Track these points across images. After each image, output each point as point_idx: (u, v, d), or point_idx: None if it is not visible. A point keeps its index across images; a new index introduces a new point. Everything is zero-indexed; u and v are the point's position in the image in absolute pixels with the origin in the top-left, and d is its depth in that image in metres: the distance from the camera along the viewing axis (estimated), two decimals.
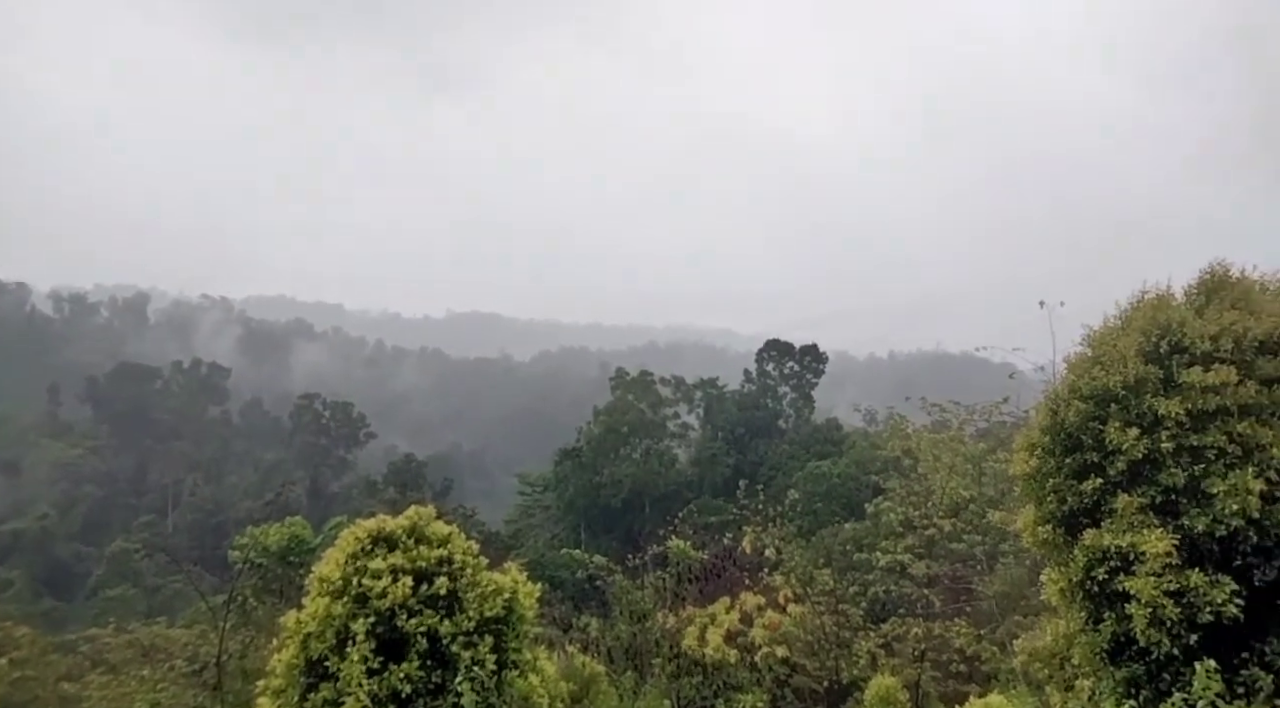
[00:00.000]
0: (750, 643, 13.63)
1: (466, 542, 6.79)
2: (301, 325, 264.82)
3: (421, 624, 6.19)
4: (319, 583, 6.59)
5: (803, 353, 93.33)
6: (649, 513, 73.81)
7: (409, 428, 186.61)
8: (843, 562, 18.27)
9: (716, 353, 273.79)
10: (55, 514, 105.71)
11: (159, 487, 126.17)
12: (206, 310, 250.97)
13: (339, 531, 11.86)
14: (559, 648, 11.86)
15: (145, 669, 13.63)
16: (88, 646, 16.10)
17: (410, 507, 7.13)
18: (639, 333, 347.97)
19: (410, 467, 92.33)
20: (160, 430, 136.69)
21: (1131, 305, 7.66)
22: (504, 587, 6.60)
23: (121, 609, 57.15)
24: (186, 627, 18.32)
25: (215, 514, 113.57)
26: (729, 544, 17.54)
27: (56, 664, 14.15)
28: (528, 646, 6.66)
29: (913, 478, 16.40)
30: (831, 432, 77.84)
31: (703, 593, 15.54)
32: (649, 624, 13.89)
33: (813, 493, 51.38)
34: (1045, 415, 7.62)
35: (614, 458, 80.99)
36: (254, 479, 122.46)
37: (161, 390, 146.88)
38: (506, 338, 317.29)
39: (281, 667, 6.36)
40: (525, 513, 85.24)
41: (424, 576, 6.43)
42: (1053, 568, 7.62)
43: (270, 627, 13.04)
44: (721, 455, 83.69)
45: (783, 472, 70.70)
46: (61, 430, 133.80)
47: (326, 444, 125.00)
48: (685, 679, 12.60)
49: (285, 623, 6.61)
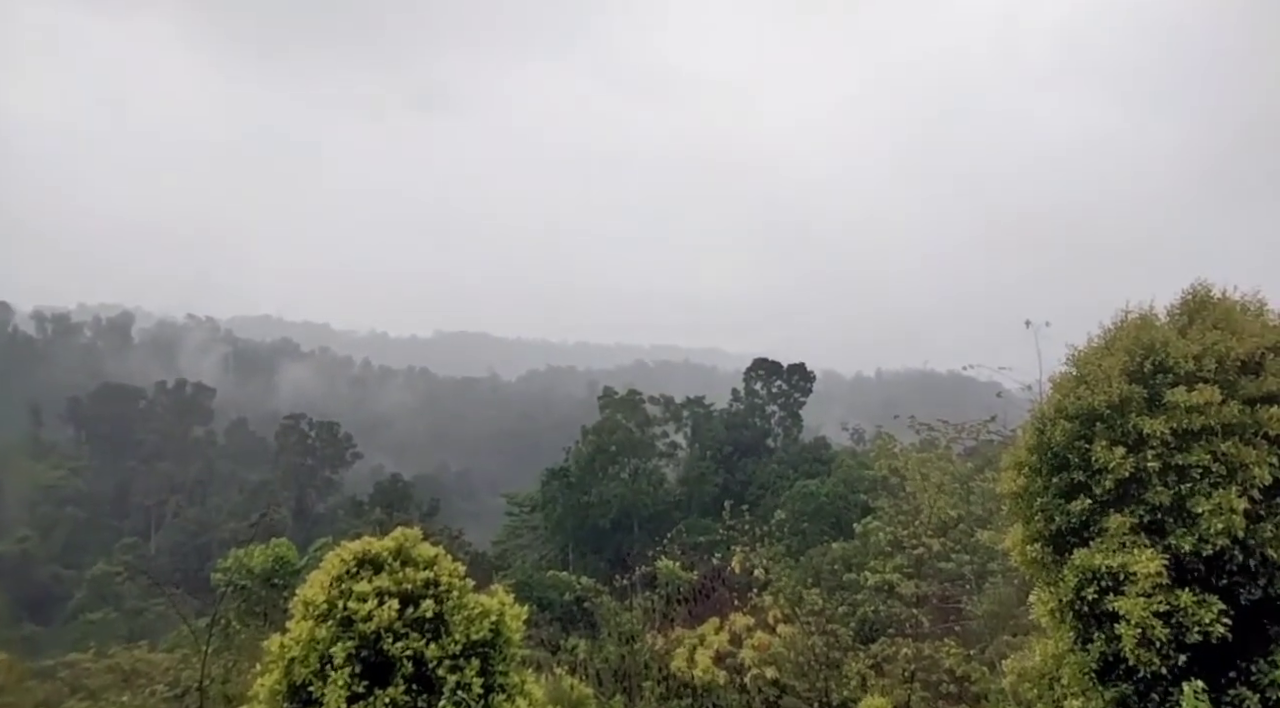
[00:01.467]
0: (739, 664, 13.53)
1: (453, 564, 6.73)
2: (288, 345, 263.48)
3: (407, 648, 6.11)
4: (303, 606, 6.49)
5: (790, 372, 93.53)
6: (637, 533, 73.47)
7: (396, 448, 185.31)
8: (831, 581, 18.21)
9: (705, 372, 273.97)
10: (36, 536, 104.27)
11: (142, 508, 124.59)
12: (191, 330, 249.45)
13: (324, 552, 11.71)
14: (547, 670, 11.74)
15: (125, 695, 13.41)
16: (67, 671, 15.81)
17: (396, 528, 7.05)
18: (627, 352, 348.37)
19: (397, 487, 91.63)
20: (144, 451, 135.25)
21: (1115, 325, 7.74)
22: (491, 609, 6.52)
23: (102, 633, 56.19)
24: (169, 651, 18.04)
25: (199, 536, 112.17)
26: (718, 564, 17.47)
27: (34, 691, 13.89)
28: (515, 669, 6.58)
29: (901, 497, 16.41)
30: (819, 450, 77.93)
31: (692, 614, 15.45)
32: (638, 646, 13.78)
33: (801, 512, 51.29)
34: (1032, 434, 7.67)
35: (602, 478, 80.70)
36: (238, 500, 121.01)
37: (145, 411, 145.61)
38: (494, 357, 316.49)
39: (265, 692, 6.26)
40: (513, 533, 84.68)
41: (410, 598, 6.35)
42: (1041, 588, 7.63)
43: (254, 650, 12.86)
44: (710, 475, 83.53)
45: (771, 491, 70.58)
46: (43, 451, 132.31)
47: (312, 465, 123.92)
48: (674, 702, 12.49)
49: (269, 647, 6.52)
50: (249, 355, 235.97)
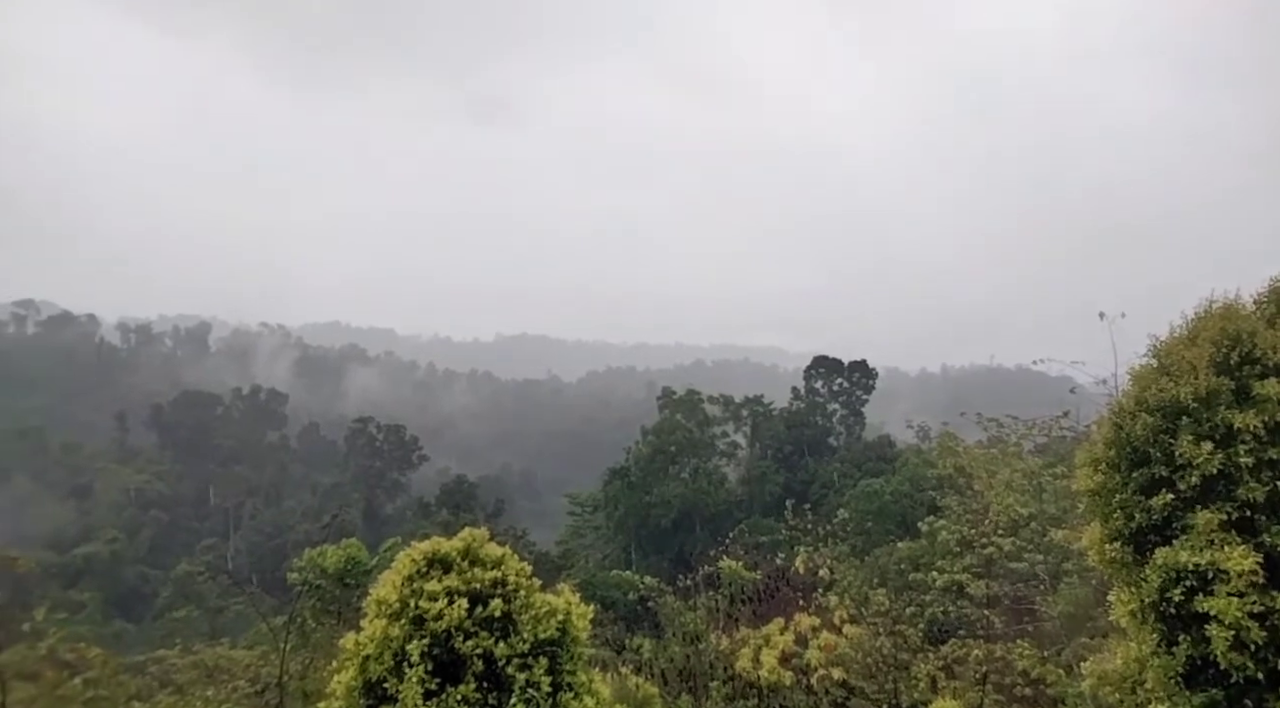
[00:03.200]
0: (806, 665, 13.38)
1: (520, 563, 6.80)
2: (355, 350, 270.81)
3: (477, 646, 6.20)
4: (376, 605, 6.63)
5: (852, 369, 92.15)
6: (699, 533, 73.31)
7: (460, 449, 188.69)
8: (898, 582, 17.85)
9: (764, 371, 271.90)
10: (124, 538, 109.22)
11: (221, 510, 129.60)
12: (264, 338, 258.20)
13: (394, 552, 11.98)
14: (612, 669, 11.79)
15: (210, 690, 13.87)
16: (155, 667, 16.47)
17: (464, 528, 7.16)
18: (686, 352, 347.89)
19: (462, 488, 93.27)
20: (221, 455, 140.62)
21: (1198, 315, 7.41)
22: (557, 608, 6.58)
23: (186, 630, 58.52)
24: (248, 648, 18.67)
25: (274, 537, 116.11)
26: (781, 564, 17.30)
27: (127, 685, 14.47)
28: (582, 668, 6.62)
29: (968, 496, 15.99)
30: (883, 448, 76.57)
31: (756, 614, 15.34)
32: (702, 645, 13.74)
33: (865, 512, 50.44)
34: (1110, 429, 7.39)
35: (663, 478, 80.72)
36: (311, 502, 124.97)
37: (222, 417, 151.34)
38: (554, 359, 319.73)
39: (342, 688, 6.41)
40: (575, 533, 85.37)
41: (479, 598, 6.44)
42: (1122, 588, 7.35)
43: (328, 648, 13.21)
44: (771, 474, 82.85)
45: (834, 490, 69.66)
46: (129, 456, 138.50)
47: (380, 467, 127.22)
48: (740, 702, 12.42)
49: (344, 644, 6.68)
50: (319, 361, 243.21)
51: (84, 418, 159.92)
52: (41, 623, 13.21)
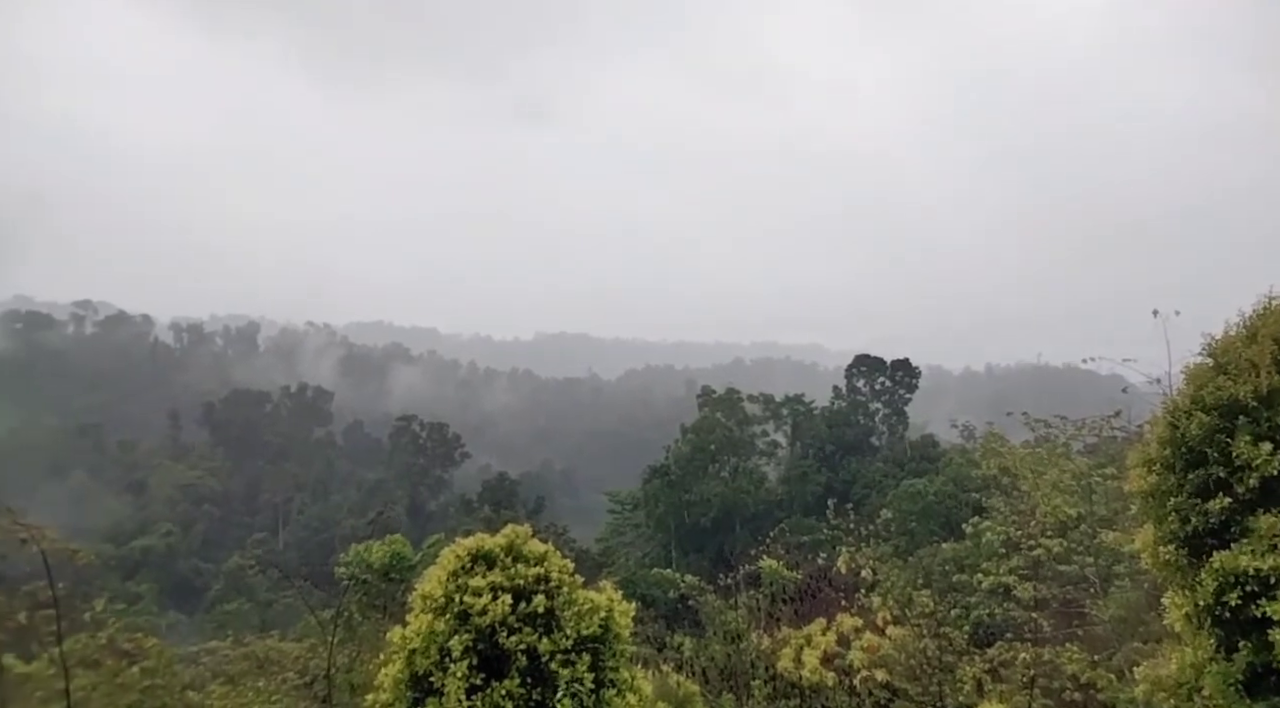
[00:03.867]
0: (848, 666, 13.26)
1: (562, 560, 6.86)
2: (398, 349, 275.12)
3: (521, 642, 6.27)
4: (422, 600, 6.74)
5: (894, 367, 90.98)
6: (739, 532, 73.06)
7: (501, 447, 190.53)
8: (943, 583, 17.59)
9: (805, 369, 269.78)
10: (178, 532, 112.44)
11: (270, 506, 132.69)
12: (311, 337, 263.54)
13: (438, 548, 12.14)
14: (653, 667, 11.83)
15: (261, 681, 14.17)
16: (209, 657, 16.92)
17: (506, 525, 7.25)
18: (725, 351, 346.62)
19: (504, 485, 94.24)
20: (270, 452, 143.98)
21: (1256, 312, 7.18)
22: (600, 605, 6.63)
23: (237, 622, 60.12)
24: (297, 640, 19.07)
25: (321, 531, 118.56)
26: (823, 564, 17.17)
27: (181, 675, 14.85)
28: (625, 664, 6.66)
29: (1015, 497, 15.68)
30: (927, 448, 75.47)
31: (798, 613, 15.24)
32: (743, 644, 13.70)
33: (908, 512, 49.80)
34: (1164, 429, 7.19)
35: (702, 476, 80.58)
36: (357, 498, 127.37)
37: (271, 414, 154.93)
38: (593, 358, 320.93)
39: (389, 681, 6.54)
40: (615, 531, 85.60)
41: (522, 593, 6.51)
42: (1176, 592, 7.16)
43: (375, 641, 13.46)
44: (812, 473, 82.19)
45: (876, 490, 68.89)
46: (182, 453, 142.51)
47: (424, 464, 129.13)
48: (782, 702, 12.37)
49: (391, 638, 6.82)
50: (363, 360, 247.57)
51: (139, 415, 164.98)
52: (101, 613, 13.62)
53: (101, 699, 12.20)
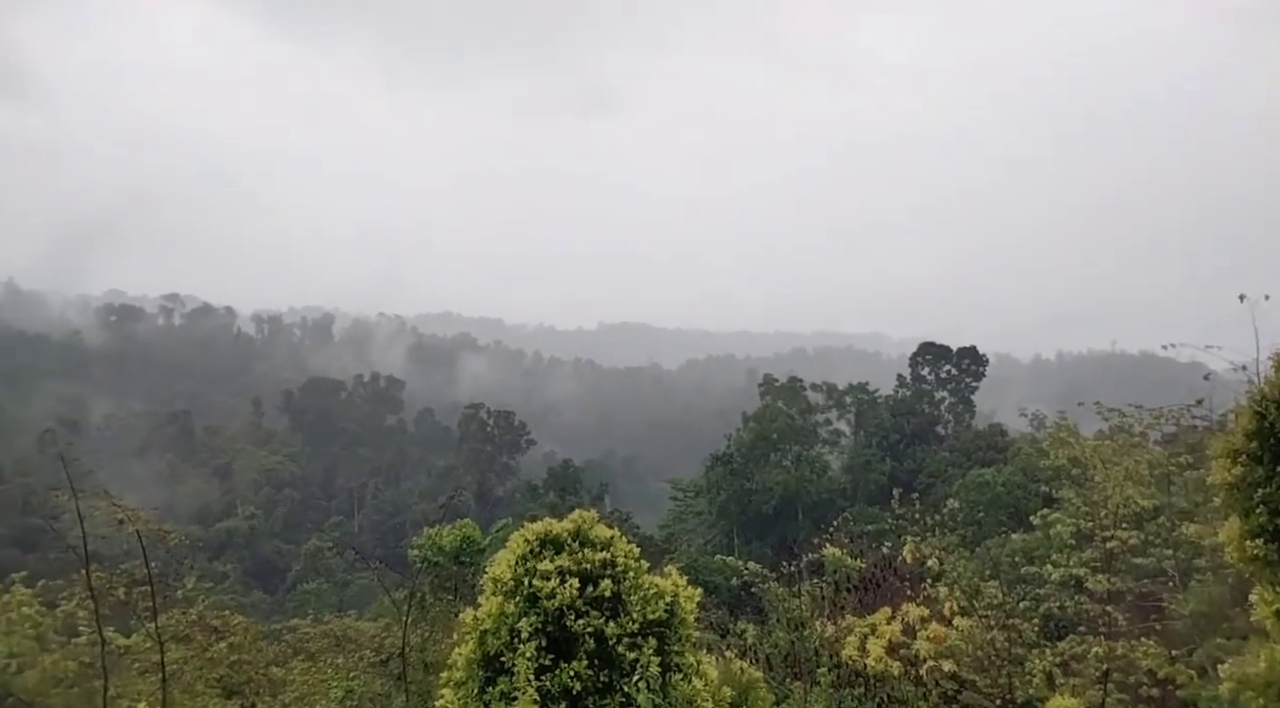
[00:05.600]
0: (914, 656, 13.17)
1: (628, 545, 7.00)
2: (466, 339, 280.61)
3: (588, 625, 6.43)
4: (492, 583, 6.93)
5: (960, 355, 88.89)
6: (802, 520, 72.58)
7: (565, 435, 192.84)
8: (1011, 574, 17.22)
9: (867, 358, 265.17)
10: (260, 515, 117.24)
11: (345, 490, 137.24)
12: (383, 328, 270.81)
13: (506, 533, 12.47)
14: (716, 653, 11.97)
15: (339, 658, 14.71)
16: (290, 635, 17.70)
17: (571, 511, 7.42)
18: (786, 340, 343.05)
19: (568, 472, 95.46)
20: (346, 438, 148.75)
21: None
22: (665, 590, 6.76)
23: (317, 602, 62.59)
24: (372, 619, 19.79)
25: (394, 515, 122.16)
26: (888, 553, 17.02)
27: (265, 651, 15.52)
28: (690, 649, 6.79)
29: (1086, 487, 15.25)
30: (994, 438, 73.57)
31: (862, 603, 15.18)
32: (807, 632, 13.71)
33: (976, 502, 48.77)
34: (1251, 419, 6.97)
35: (764, 465, 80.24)
36: (427, 483, 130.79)
37: (345, 402, 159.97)
38: (655, 347, 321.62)
39: (462, 660, 6.73)
40: (678, 518, 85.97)
41: (589, 578, 6.66)
42: (1265, 587, 6.95)
43: (445, 622, 13.90)
44: (875, 462, 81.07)
45: (942, 479, 67.61)
46: (264, 439, 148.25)
47: (491, 451, 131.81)
48: (847, 691, 12.37)
49: (463, 619, 7.03)
50: (432, 349, 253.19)
51: (224, 402, 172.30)
52: (191, 591, 14.37)
53: (193, 672, 12.92)
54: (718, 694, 6.95)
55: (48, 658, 11.90)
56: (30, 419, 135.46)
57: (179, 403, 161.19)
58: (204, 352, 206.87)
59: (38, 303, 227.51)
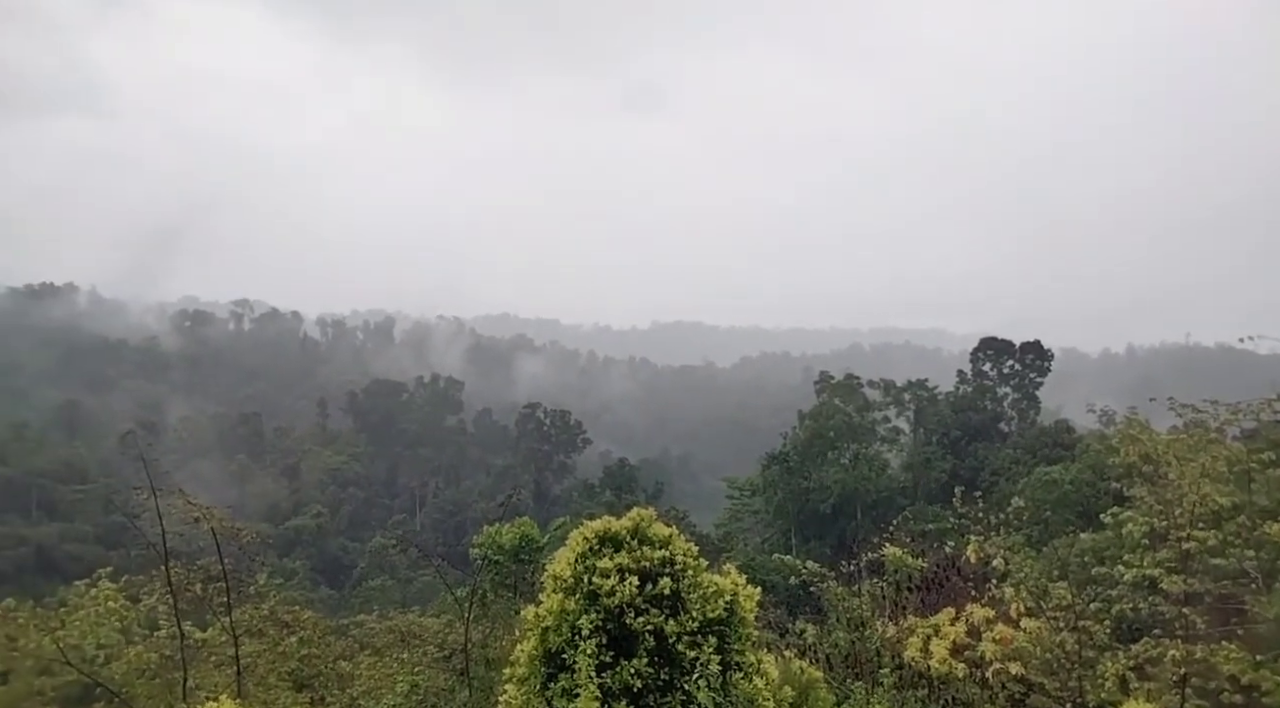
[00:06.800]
0: (980, 658, 12.88)
1: (686, 543, 7.02)
2: (523, 340, 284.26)
3: (648, 623, 6.46)
4: (552, 580, 7.01)
5: (1024, 350, 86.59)
6: (860, 519, 71.63)
7: (620, 434, 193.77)
8: (1080, 575, 16.67)
9: (927, 354, 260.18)
10: (327, 513, 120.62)
11: (408, 489, 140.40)
12: (441, 329, 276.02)
13: (564, 531, 12.58)
14: (776, 652, 11.90)
15: (404, 653, 15.02)
16: (357, 630, 18.14)
17: (628, 509, 7.46)
18: (842, 336, 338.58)
19: (623, 471, 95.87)
20: (407, 438, 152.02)
21: None
22: (724, 589, 6.77)
23: (381, 598, 64.15)
24: (435, 616, 20.19)
25: (455, 514, 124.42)
26: (950, 552, 16.66)
27: (334, 645, 15.92)
28: (750, 648, 6.78)
29: (1159, 485, 14.66)
30: (1061, 434, 71.42)
31: (924, 603, 14.91)
32: (868, 633, 13.54)
33: (1042, 500, 47.45)
34: None
35: (821, 463, 79.35)
36: (486, 482, 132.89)
37: (407, 403, 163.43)
38: (709, 345, 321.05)
39: (524, 657, 6.83)
40: (734, 517, 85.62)
41: (648, 575, 6.70)
42: None
43: (506, 619, 14.10)
44: (936, 460, 79.49)
45: (1006, 477, 66.00)
46: (329, 440, 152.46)
47: (548, 450, 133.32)
48: (910, 692, 12.18)
49: (525, 616, 7.12)
50: (490, 350, 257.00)
51: (291, 404, 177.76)
52: (263, 587, 14.83)
53: (266, 665, 13.36)
54: (778, 694, 6.93)
55: (132, 650, 12.42)
56: (112, 421, 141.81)
57: (249, 405, 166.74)
58: (272, 355, 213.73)
59: (118, 310, 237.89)
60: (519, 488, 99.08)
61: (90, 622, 12.26)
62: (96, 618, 12.37)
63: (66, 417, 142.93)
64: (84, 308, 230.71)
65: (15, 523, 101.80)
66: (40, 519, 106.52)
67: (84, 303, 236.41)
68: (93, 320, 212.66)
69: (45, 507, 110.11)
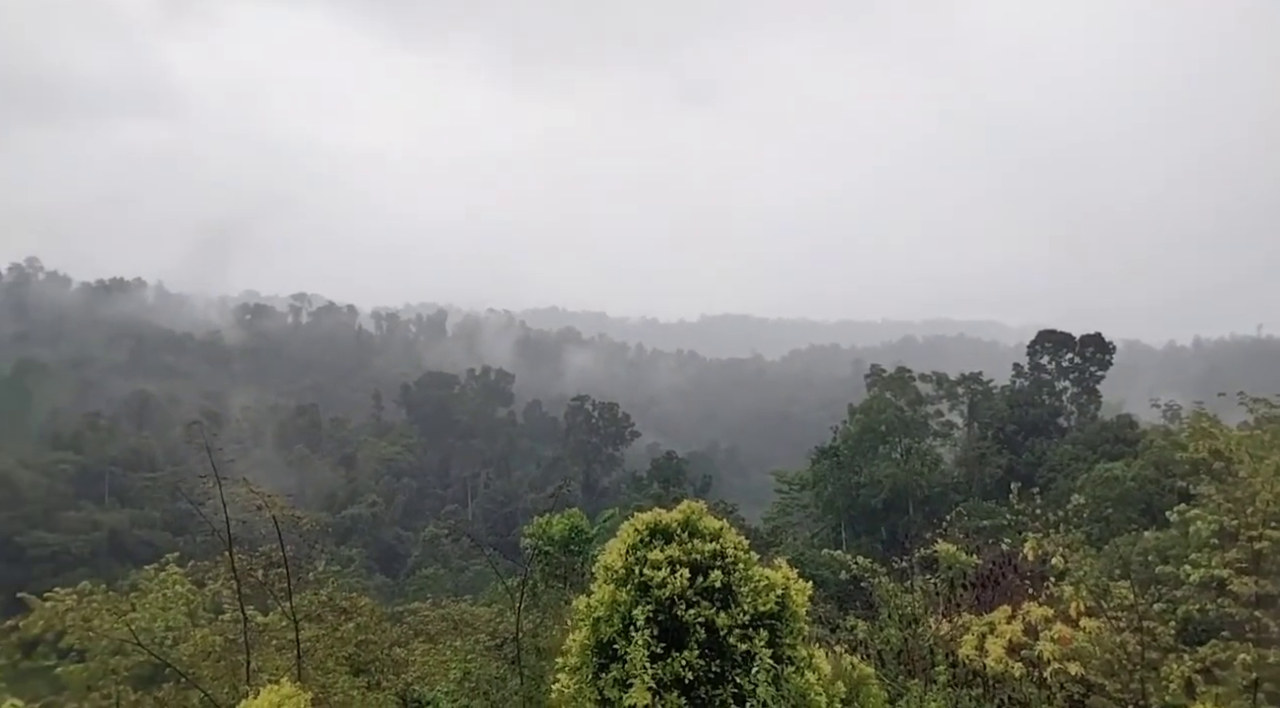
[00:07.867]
0: (1037, 657, 12.60)
1: (737, 537, 7.01)
2: (571, 333, 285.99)
3: (699, 615, 6.47)
4: (604, 571, 7.05)
5: (1084, 343, 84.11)
6: (912, 514, 70.55)
7: (668, 426, 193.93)
8: (1144, 574, 16.15)
9: (982, 347, 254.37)
10: (382, 503, 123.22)
11: (460, 480, 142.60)
12: (492, 322, 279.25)
13: (613, 522, 12.65)
14: (826, 648, 11.82)
15: (457, 641, 15.25)
16: (411, 617, 18.50)
17: (676, 501, 7.46)
18: (894, 329, 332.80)
19: (671, 463, 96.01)
20: (459, 430, 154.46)
21: None
22: (776, 583, 6.74)
23: (434, 586, 65.35)
24: (486, 605, 20.48)
25: (506, 505, 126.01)
26: (1007, 550, 16.30)
27: (389, 632, 16.25)
28: (802, 643, 6.75)
29: (1229, 482, 14.10)
30: (1123, 430, 69.28)
31: (979, 600, 14.63)
32: (920, 629, 13.34)
33: (1103, 497, 46.14)
34: None
35: (873, 457, 78.31)
36: (536, 474, 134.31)
37: (458, 395, 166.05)
38: (757, 338, 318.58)
39: (576, 647, 6.89)
40: (783, 511, 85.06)
41: (699, 568, 6.70)
42: None
43: (556, 609, 14.23)
44: (991, 455, 77.82)
45: (1064, 473, 64.30)
46: (384, 430, 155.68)
47: (597, 442, 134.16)
48: (965, 691, 11.97)
49: (577, 607, 7.17)
50: (539, 343, 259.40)
51: (346, 396, 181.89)
52: (322, 574, 15.20)
53: (324, 650, 13.70)
54: (830, 689, 6.87)
55: (198, 633, 12.85)
56: (178, 412, 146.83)
57: (307, 396, 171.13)
58: (328, 347, 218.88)
59: (183, 304, 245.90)
60: (568, 479, 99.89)
61: (159, 605, 12.73)
62: (165, 602, 12.84)
63: (136, 407, 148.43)
64: (151, 302, 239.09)
65: (90, 509, 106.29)
66: (113, 505, 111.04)
67: (151, 298, 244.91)
68: (159, 314, 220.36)
69: (117, 493, 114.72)
